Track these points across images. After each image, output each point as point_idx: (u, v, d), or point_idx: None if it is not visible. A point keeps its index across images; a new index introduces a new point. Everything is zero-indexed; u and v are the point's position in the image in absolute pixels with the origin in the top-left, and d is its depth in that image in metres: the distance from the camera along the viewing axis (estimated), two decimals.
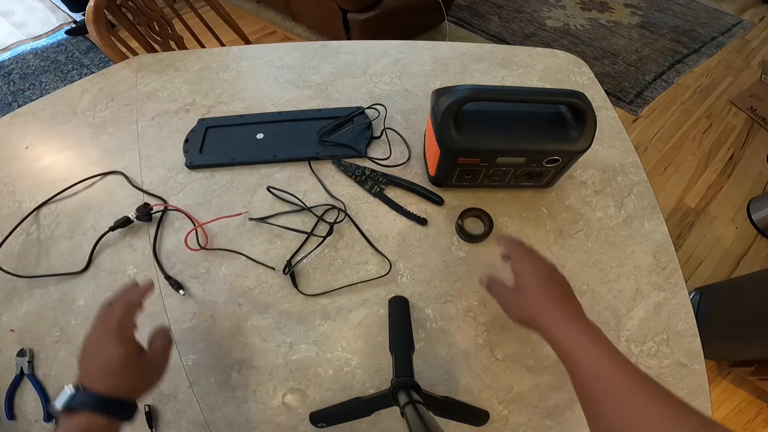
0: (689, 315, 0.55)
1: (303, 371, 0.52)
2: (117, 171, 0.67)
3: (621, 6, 2.54)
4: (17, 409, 0.51)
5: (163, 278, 0.57)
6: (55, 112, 0.77)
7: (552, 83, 0.79)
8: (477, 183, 0.61)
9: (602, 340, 0.37)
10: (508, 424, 0.48)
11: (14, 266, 0.59)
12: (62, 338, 0.54)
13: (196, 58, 0.84)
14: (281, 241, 0.60)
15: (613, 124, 0.73)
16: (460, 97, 0.50)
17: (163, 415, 0.50)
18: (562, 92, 0.51)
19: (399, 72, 0.81)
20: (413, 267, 0.58)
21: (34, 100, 0.80)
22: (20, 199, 0.66)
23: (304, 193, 0.64)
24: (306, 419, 0.48)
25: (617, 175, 0.67)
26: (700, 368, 0.51)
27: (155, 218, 0.62)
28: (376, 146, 0.70)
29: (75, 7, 2.21)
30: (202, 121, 0.73)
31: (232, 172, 0.67)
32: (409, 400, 0.38)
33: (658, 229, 0.62)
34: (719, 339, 1.13)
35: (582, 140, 0.52)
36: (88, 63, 2.14)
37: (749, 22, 2.46)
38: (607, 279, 0.57)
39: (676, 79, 2.07)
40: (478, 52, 0.84)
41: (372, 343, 0.53)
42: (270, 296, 0.56)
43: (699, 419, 0.29)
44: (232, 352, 0.53)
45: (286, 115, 0.73)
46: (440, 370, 0.52)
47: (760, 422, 1.18)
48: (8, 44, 2.21)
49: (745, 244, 1.51)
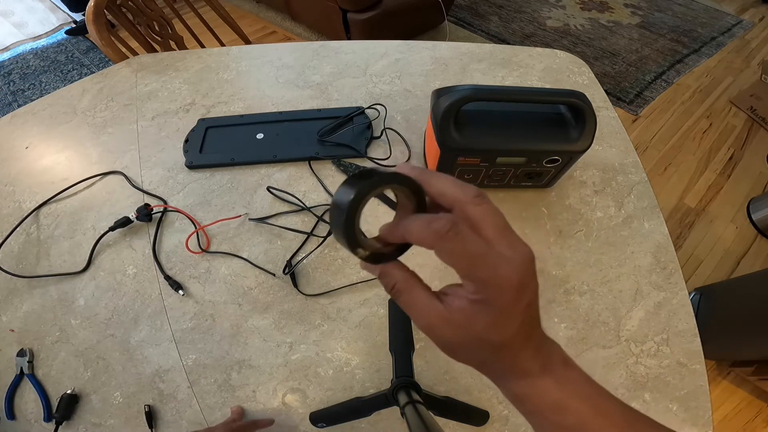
0: (689, 315, 0.55)
1: (303, 371, 0.52)
2: (117, 171, 0.67)
3: (621, 6, 2.54)
4: (17, 409, 0.51)
5: (163, 278, 0.57)
6: (55, 112, 0.77)
7: (552, 83, 0.79)
8: (477, 183, 0.61)
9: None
10: (508, 424, 0.48)
11: (14, 266, 0.59)
12: (62, 338, 0.54)
13: (196, 58, 0.84)
14: (281, 241, 0.60)
15: (613, 124, 0.73)
16: (460, 97, 0.50)
17: (163, 415, 0.50)
18: (562, 92, 0.51)
19: (399, 72, 0.81)
20: (413, 267, 0.58)
21: (34, 100, 0.80)
22: (20, 199, 0.66)
23: (304, 193, 0.64)
24: (306, 419, 0.48)
25: (617, 175, 0.67)
26: (700, 368, 0.51)
27: (155, 218, 0.62)
28: (376, 146, 0.70)
29: (75, 7, 2.21)
30: (202, 121, 0.72)
31: (232, 172, 0.67)
32: (409, 400, 0.38)
33: (658, 229, 0.62)
34: (719, 339, 1.13)
35: (582, 140, 0.52)
36: (88, 63, 2.14)
37: (749, 22, 2.46)
38: (607, 279, 0.57)
39: (676, 79, 2.07)
40: (478, 52, 0.84)
41: (372, 343, 0.53)
42: (270, 296, 0.56)
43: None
44: (232, 352, 0.53)
45: (286, 115, 0.73)
46: (440, 370, 0.52)
47: (760, 422, 1.18)
48: (8, 44, 2.21)
49: (745, 244, 1.51)
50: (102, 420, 0.50)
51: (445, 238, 0.19)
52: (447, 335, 0.22)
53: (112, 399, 0.51)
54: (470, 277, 0.20)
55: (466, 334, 0.21)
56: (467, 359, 0.23)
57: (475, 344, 0.21)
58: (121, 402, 0.51)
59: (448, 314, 0.21)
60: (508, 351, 0.21)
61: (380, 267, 0.23)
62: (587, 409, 0.22)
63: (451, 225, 0.19)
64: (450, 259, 0.20)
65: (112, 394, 0.51)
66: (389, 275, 0.23)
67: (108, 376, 0.52)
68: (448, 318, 0.21)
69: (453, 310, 0.21)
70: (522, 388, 0.22)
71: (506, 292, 0.20)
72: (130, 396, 0.51)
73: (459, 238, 0.20)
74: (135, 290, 0.57)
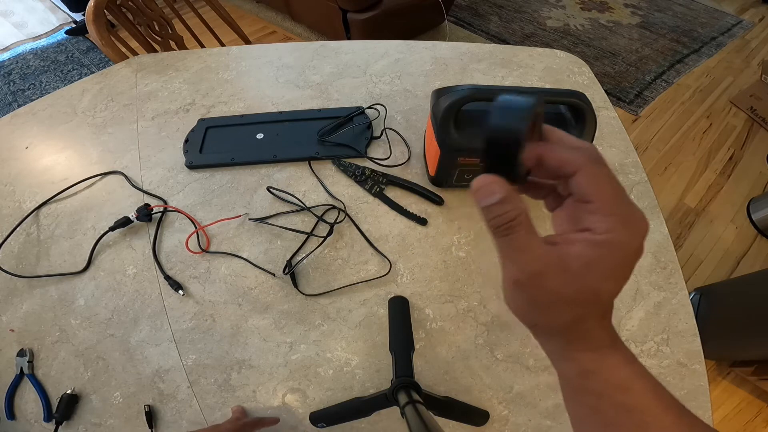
0: (689, 315, 0.55)
1: (303, 371, 0.52)
2: (117, 171, 0.67)
3: (621, 6, 2.53)
4: (17, 409, 0.51)
5: (163, 278, 0.57)
6: (55, 112, 0.77)
7: (552, 83, 0.79)
8: None
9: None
10: (508, 424, 0.48)
11: (14, 266, 0.59)
12: (62, 338, 0.54)
13: (196, 58, 0.84)
14: (281, 241, 0.60)
15: (613, 124, 0.73)
16: (460, 97, 0.50)
17: (163, 415, 0.50)
18: (562, 92, 0.51)
19: (399, 72, 0.81)
20: (413, 267, 0.58)
21: (34, 100, 0.80)
22: (20, 199, 0.66)
23: (304, 193, 0.64)
24: (306, 419, 0.48)
25: (617, 175, 0.66)
26: (700, 368, 0.51)
27: (155, 218, 0.62)
28: (376, 146, 0.70)
29: (75, 7, 2.21)
30: (202, 121, 0.72)
31: (232, 172, 0.67)
32: (409, 400, 0.38)
33: (658, 229, 0.62)
34: (719, 339, 1.13)
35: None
36: (88, 63, 2.14)
37: (749, 22, 2.46)
38: None
39: (676, 79, 2.07)
40: (478, 52, 0.84)
41: (372, 343, 0.53)
42: (270, 296, 0.56)
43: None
44: (232, 352, 0.53)
45: (286, 115, 0.73)
46: (440, 370, 0.52)
47: (760, 422, 1.18)
48: (8, 44, 2.21)
49: (745, 244, 1.51)
50: (102, 420, 0.50)
51: (598, 162, 0.20)
52: (554, 286, 0.19)
53: (112, 399, 0.51)
54: (611, 211, 0.19)
55: (578, 284, 0.19)
56: (556, 319, 0.21)
57: (581, 299, 0.20)
58: (121, 402, 0.51)
59: (564, 261, 0.19)
60: (601, 312, 0.20)
61: (509, 189, 0.20)
62: (648, 391, 0.20)
63: (598, 153, 0.20)
64: (594, 187, 0.19)
65: (112, 394, 0.51)
66: (513, 202, 0.19)
67: (108, 376, 0.52)
68: (564, 265, 0.19)
69: (570, 257, 0.19)
70: (594, 361, 0.21)
71: (638, 237, 0.19)
72: (130, 396, 0.51)
73: (607, 168, 0.20)
74: (135, 290, 0.57)
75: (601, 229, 0.19)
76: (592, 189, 0.19)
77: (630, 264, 0.20)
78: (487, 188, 0.20)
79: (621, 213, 0.19)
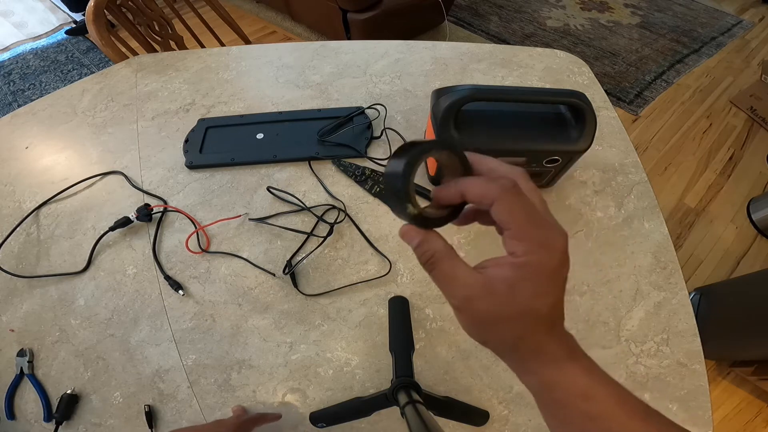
0: (689, 315, 0.55)
1: (303, 371, 0.52)
2: (117, 171, 0.67)
3: (621, 6, 2.53)
4: (17, 409, 0.51)
5: (163, 278, 0.57)
6: (55, 112, 0.77)
7: (552, 83, 0.79)
8: None
9: None
10: (508, 424, 0.48)
11: (14, 266, 0.59)
12: (62, 338, 0.54)
13: (196, 58, 0.84)
14: (281, 241, 0.60)
15: (613, 124, 0.73)
16: (460, 97, 0.50)
17: (163, 415, 0.50)
18: (562, 92, 0.51)
19: (399, 72, 0.81)
20: (413, 267, 0.58)
21: (34, 100, 0.80)
22: (20, 199, 0.66)
23: (304, 193, 0.64)
24: (306, 419, 0.48)
25: (617, 175, 0.67)
26: (700, 368, 0.51)
27: (155, 218, 0.62)
28: (376, 146, 0.70)
29: (75, 7, 2.21)
30: (202, 121, 0.72)
31: (232, 172, 0.67)
32: (409, 400, 0.38)
33: (658, 229, 0.62)
34: (719, 339, 1.13)
35: (582, 140, 0.52)
36: (88, 63, 2.14)
37: (749, 22, 2.46)
38: (607, 279, 0.57)
39: (676, 79, 2.07)
40: (478, 52, 0.84)
41: (372, 343, 0.53)
42: (270, 296, 0.56)
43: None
44: (232, 352, 0.53)
45: (286, 115, 0.73)
46: (440, 370, 0.52)
47: (760, 422, 1.18)
48: (8, 44, 2.21)
49: (745, 244, 1.51)
50: (102, 420, 0.50)
51: (511, 191, 0.21)
52: (485, 308, 0.21)
53: (112, 399, 0.51)
54: (525, 236, 0.21)
55: (507, 305, 0.21)
56: (500, 338, 0.22)
57: (515, 317, 0.21)
58: (121, 402, 0.51)
59: (489, 284, 0.21)
60: (544, 327, 0.21)
61: (423, 233, 0.23)
62: (611, 397, 0.21)
63: (513, 183, 0.21)
64: (508, 215, 0.21)
65: (112, 394, 0.51)
66: (429, 243, 0.22)
67: (108, 376, 0.52)
68: (489, 288, 0.21)
69: (495, 280, 0.21)
70: (552, 373, 0.22)
71: (556, 255, 0.21)
72: (130, 396, 0.51)
73: (521, 196, 0.21)
74: (135, 290, 0.57)
75: (519, 252, 0.21)
76: (506, 217, 0.21)
77: (555, 277, 0.21)
78: (407, 236, 0.23)
79: (535, 236, 0.21)
